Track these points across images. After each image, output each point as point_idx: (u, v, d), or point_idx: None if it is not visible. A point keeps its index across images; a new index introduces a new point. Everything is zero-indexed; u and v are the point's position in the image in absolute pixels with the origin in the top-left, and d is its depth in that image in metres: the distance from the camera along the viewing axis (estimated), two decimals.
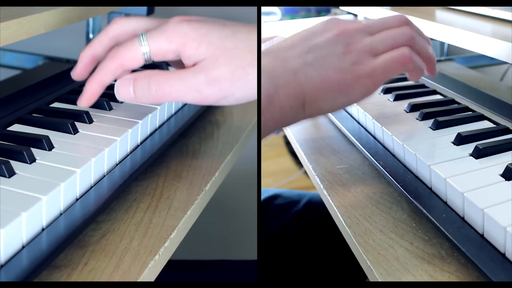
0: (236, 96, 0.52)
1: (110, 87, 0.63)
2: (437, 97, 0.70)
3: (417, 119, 0.62)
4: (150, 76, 0.52)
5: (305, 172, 1.11)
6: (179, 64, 0.55)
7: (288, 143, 1.96)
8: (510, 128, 0.58)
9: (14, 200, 0.42)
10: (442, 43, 1.04)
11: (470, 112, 0.64)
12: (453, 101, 0.68)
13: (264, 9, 1.28)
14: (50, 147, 0.51)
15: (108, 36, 0.56)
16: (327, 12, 1.32)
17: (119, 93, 0.53)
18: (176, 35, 0.52)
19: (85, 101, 0.55)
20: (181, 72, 0.52)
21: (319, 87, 0.48)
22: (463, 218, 0.47)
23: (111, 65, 0.53)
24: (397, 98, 0.69)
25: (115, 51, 0.53)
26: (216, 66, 0.51)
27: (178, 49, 0.52)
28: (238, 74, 0.51)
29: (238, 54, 0.52)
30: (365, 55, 0.50)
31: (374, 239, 0.48)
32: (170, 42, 0.52)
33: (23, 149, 0.48)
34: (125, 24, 0.56)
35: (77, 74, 0.57)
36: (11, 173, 0.45)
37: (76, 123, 0.55)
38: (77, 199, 0.48)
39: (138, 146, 0.58)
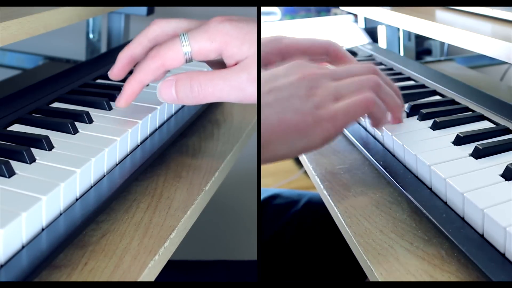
0: None
1: (110, 87, 0.63)
2: (437, 97, 0.70)
3: (417, 119, 0.62)
4: (192, 77, 0.52)
5: (305, 172, 1.11)
6: (217, 65, 0.55)
7: None
8: (510, 128, 0.58)
9: (14, 200, 0.42)
10: (442, 43, 1.04)
11: (470, 112, 0.63)
12: (453, 101, 0.68)
13: (264, 9, 1.28)
14: (50, 147, 0.51)
15: (148, 37, 0.56)
16: (327, 12, 1.32)
17: (161, 94, 0.52)
18: (219, 34, 0.52)
19: (124, 100, 0.55)
20: (224, 72, 0.51)
21: (276, 129, 0.46)
22: (463, 218, 0.47)
23: (152, 64, 0.52)
24: None
25: (157, 51, 0.52)
26: None
27: (220, 48, 0.52)
28: None
29: None
30: (329, 99, 0.48)
31: (374, 239, 0.48)
32: (212, 42, 0.51)
33: (23, 149, 0.48)
34: (165, 25, 0.56)
35: (114, 74, 0.57)
36: (11, 173, 0.45)
37: (76, 123, 0.55)
38: (77, 199, 0.48)
39: (138, 146, 0.58)
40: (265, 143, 0.46)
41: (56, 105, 0.61)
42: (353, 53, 0.94)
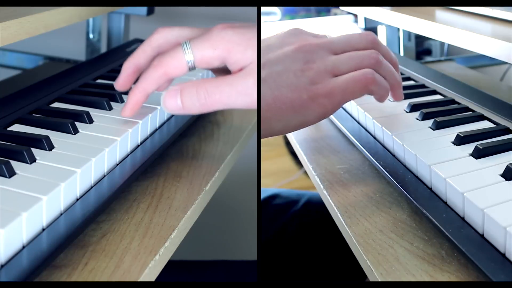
0: None
1: (110, 87, 0.63)
2: (437, 97, 0.70)
3: (417, 119, 0.62)
4: (198, 84, 0.51)
5: (305, 172, 1.11)
6: (221, 72, 0.54)
7: (288, 143, 1.96)
8: (510, 128, 0.58)
9: (14, 200, 0.42)
10: (442, 43, 1.04)
11: (470, 112, 0.64)
12: (453, 101, 0.68)
13: (264, 9, 1.28)
14: (50, 147, 0.51)
15: (151, 45, 0.56)
16: (327, 12, 1.32)
17: (166, 104, 0.51)
18: (221, 41, 0.51)
19: (129, 110, 0.55)
20: (229, 78, 0.51)
21: (271, 106, 0.46)
22: (463, 218, 0.47)
23: (155, 73, 0.52)
24: None
25: (159, 60, 0.52)
26: None
27: (223, 55, 0.51)
28: None
29: None
30: (325, 74, 0.48)
31: (374, 239, 0.49)
32: (215, 49, 0.51)
33: (23, 149, 0.48)
34: (167, 33, 0.55)
35: (120, 84, 0.57)
36: (11, 173, 0.45)
37: (76, 123, 0.55)
38: (77, 199, 0.48)
39: (138, 146, 0.58)
40: (263, 119, 0.46)
41: (56, 105, 0.61)
42: None
